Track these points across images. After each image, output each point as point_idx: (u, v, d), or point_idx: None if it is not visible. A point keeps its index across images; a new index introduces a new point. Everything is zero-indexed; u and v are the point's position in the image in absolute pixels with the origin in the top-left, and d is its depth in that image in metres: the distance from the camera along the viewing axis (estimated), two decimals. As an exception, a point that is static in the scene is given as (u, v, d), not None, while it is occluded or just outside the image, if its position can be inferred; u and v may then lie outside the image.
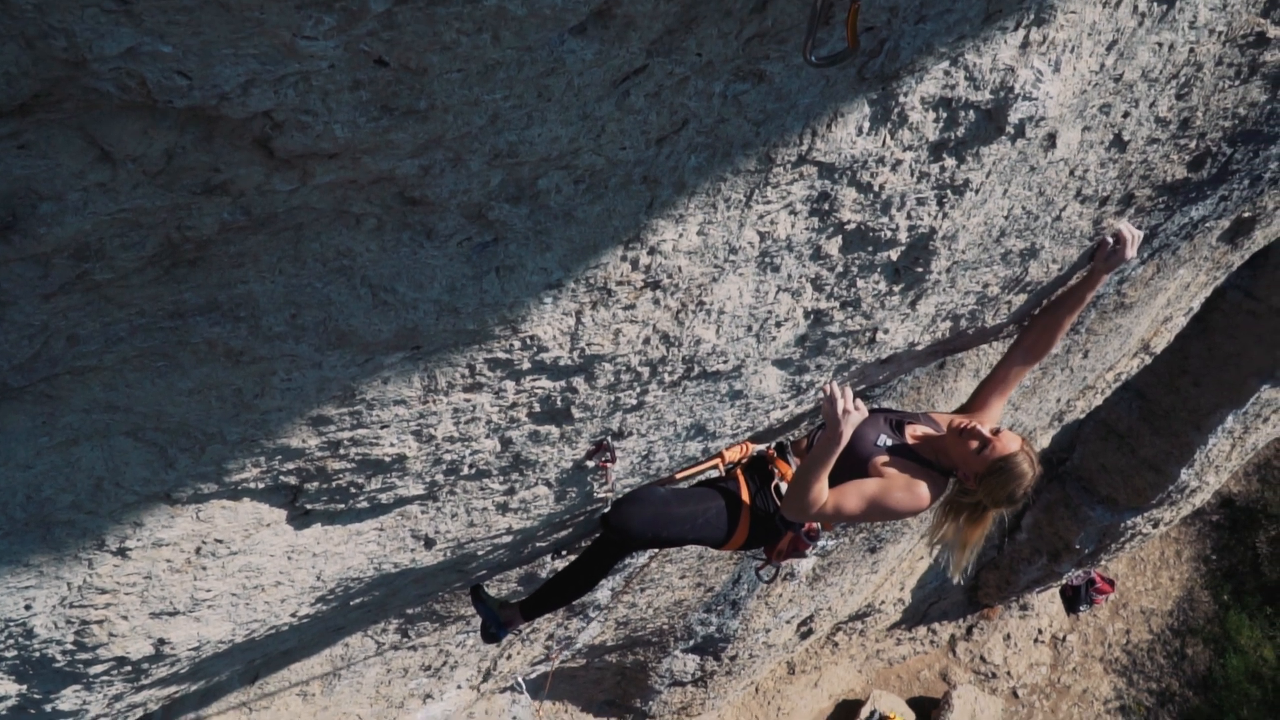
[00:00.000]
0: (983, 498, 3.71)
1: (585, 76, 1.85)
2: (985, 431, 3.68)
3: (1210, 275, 7.05)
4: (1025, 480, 3.62)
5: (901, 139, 2.57)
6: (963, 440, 3.72)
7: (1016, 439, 3.68)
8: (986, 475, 3.63)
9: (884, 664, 15.04)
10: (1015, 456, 3.61)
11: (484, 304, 2.40)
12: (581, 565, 4.87)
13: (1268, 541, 16.61)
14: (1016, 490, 3.64)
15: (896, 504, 3.72)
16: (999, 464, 3.61)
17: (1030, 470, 3.62)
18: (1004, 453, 3.61)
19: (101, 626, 2.99)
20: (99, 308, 1.96)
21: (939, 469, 3.80)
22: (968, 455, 3.69)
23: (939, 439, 3.88)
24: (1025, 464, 3.60)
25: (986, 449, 3.64)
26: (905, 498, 3.71)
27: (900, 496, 3.71)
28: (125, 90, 1.41)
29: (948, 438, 3.80)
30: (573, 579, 4.92)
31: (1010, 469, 3.60)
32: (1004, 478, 3.61)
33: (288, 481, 2.86)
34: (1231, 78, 3.02)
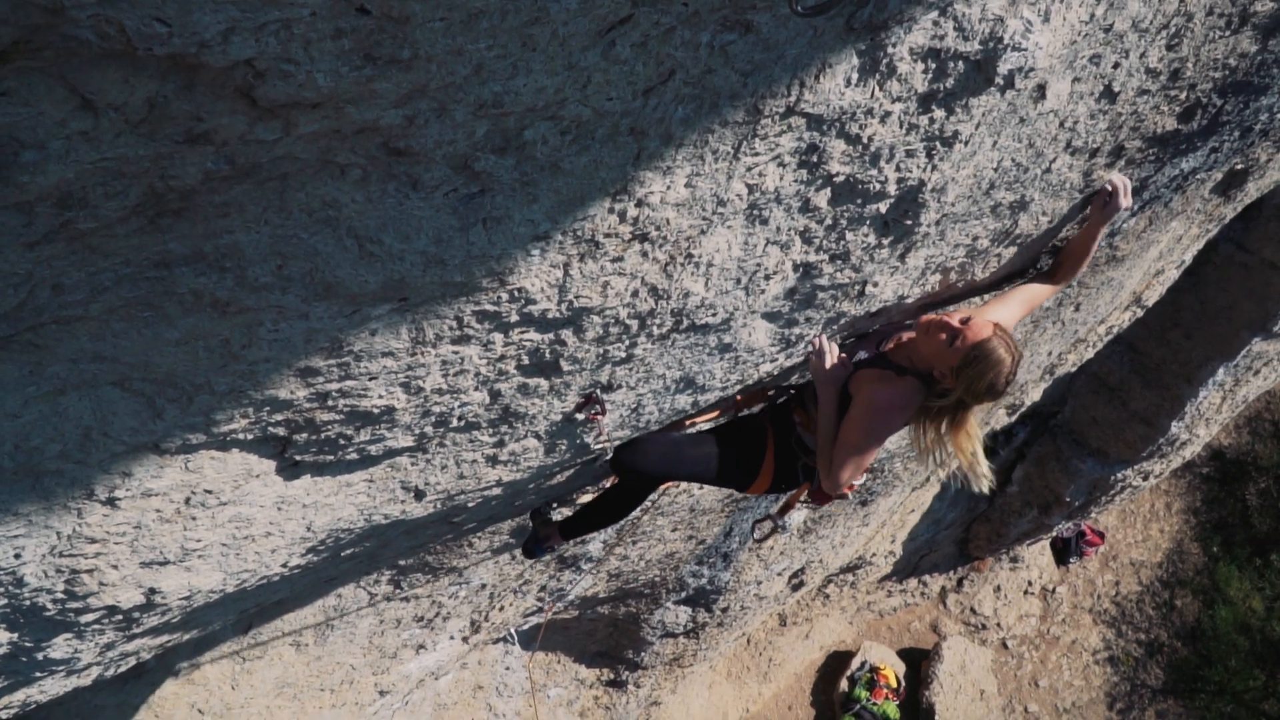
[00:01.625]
0: (962, 394, 3.53)
1: (570, 26, 1.84)
2: (954, 322, 3.52)
3: (1203, 228, 7.04)
4: (1005, 366, 3.44)
5: (890, 90, 2.56)
6: (931, 336, 3.57)
7: (989, 325, 3.48)
8: (962, 367, 3.47)
9: (875, 616, 15.19)
10: (989, 342, 3.43)
11: (471, 256, 2.40)
12: (616, 493, 4.91)
13: (1257, 494, 16.74)
14: (997, 379, 3.46)
15: (884, 409, 3.63)
16: (973, 352, 3.44)
17: (1009, 355, 3.44)
18: (976, 339, 3.44)
19: (92, 575, 3.01)
20: (84, 257, 1.96)
21: (915, 373, 3.67)
22: (940, 350, 3.53)
23: (910, 342, 3.76)
24: (1001, 349, 3.43)
25: (958, 339, 3.47)
26: (887, 397, 3.62)
27: (883, 401, 3.62)
28: (104, 38, 1.40)
29: (918, 337, 3.67)
30: (608, 506, 4.96)
31: (986, 355, 3.42)
32: (981, 366, 3.43)
33: (276, 433, 2.88)
34: (1222, 28, 3.00)
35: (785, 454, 4.22)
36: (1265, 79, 3.40)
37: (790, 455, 4.21)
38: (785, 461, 4.23)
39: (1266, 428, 16.83)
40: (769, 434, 4.25)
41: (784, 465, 4.24)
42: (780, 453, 4.22)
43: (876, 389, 3.66)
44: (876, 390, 3.66)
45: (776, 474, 4.27)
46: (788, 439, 4.21)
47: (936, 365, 3.57)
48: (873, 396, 3.65)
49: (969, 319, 3.50)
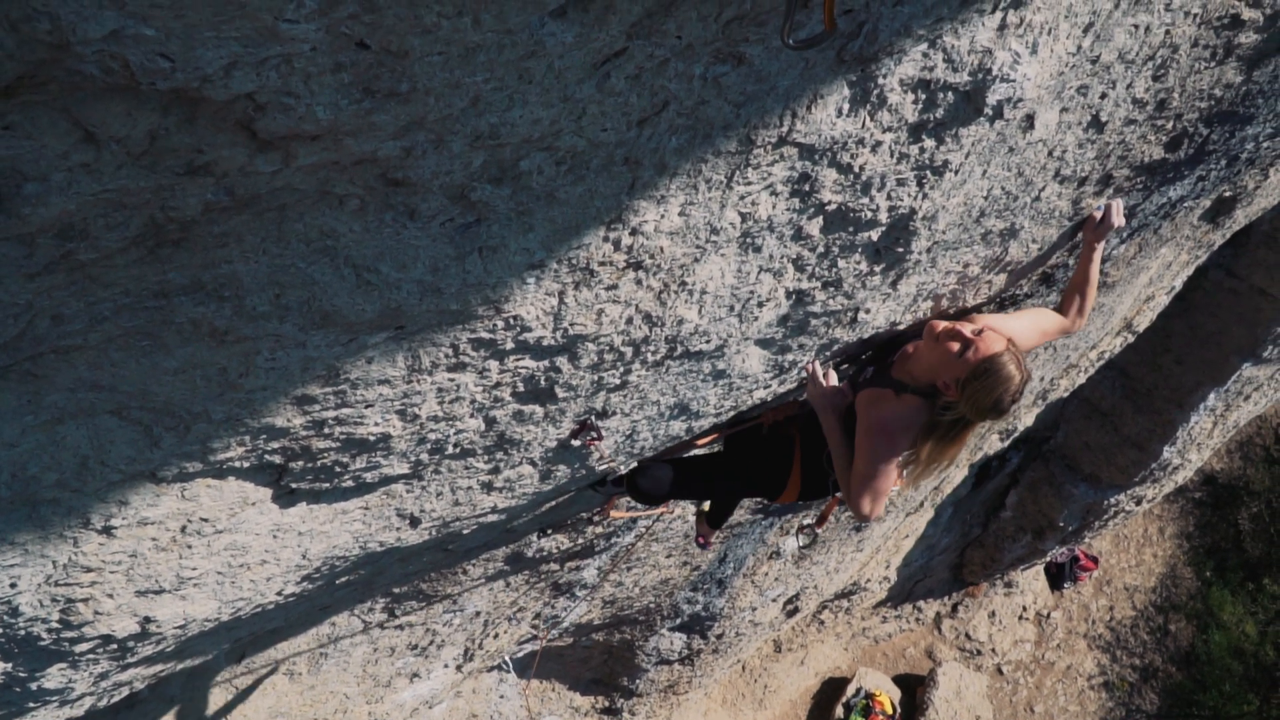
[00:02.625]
0: (965, 409, 3.34)
1: (566, 59, 1.87)
2: (967, 331, 3.34)
3: (1192, 254, 7.10)
4: (1013, 385, 3.25)
5: (881, 120, 2.59)
6: (940, 344, 3.38)
7: (1002, 339, 3.30)
8: (969, 380, 3.27)
9: (870, 642, 15.15)
10: (1001, 357, 3.24)
11: (467, 284, 2.42)
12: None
13: (1249, 518, 16.77)
14: (1004, 396, 3.26)
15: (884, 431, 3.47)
16: (983, 366, 3.25)
17: (1018, 373, 3.25)
18: (988, 353, 3.26)
19: (87, 604, 3.02)
20: (83, 287, 1.98)
21: (917, 390, 3.49)
22: (948, 359, 3.34)
23: (914, 352, 3.59)
24: (1012, 365, 3.24)
25: (969, 350, 3.30)
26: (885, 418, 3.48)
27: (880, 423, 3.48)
28: (109, 73, 1.42)
29: (924, 345, 3.49)
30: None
31: (997, 370, 3.23)
32: (989, 381, 3.24)
33: (273, 460, 2.89)
34: (1207, 59, 3.05)
35: (813, 465, 4.12)
36: (1251, 109, 3.45)
37: (819, 467, 4.10)
38: (813, 473, 4.14)
39: (1258, 452, 16.87)
40: (796, 444, 4.18)
41: (812, 476, 4.15)
42: (807, 464, 4.14)
43: (873, 411, 3.55)
44: (873, 412, 3.54)
45: (804, 484, 4.19)
46: (817, 452, 4.07)
47: (941, 375, 3.38)
48: (870, 420, 3.54)
49: (982, 330, 3.36)
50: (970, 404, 3.31)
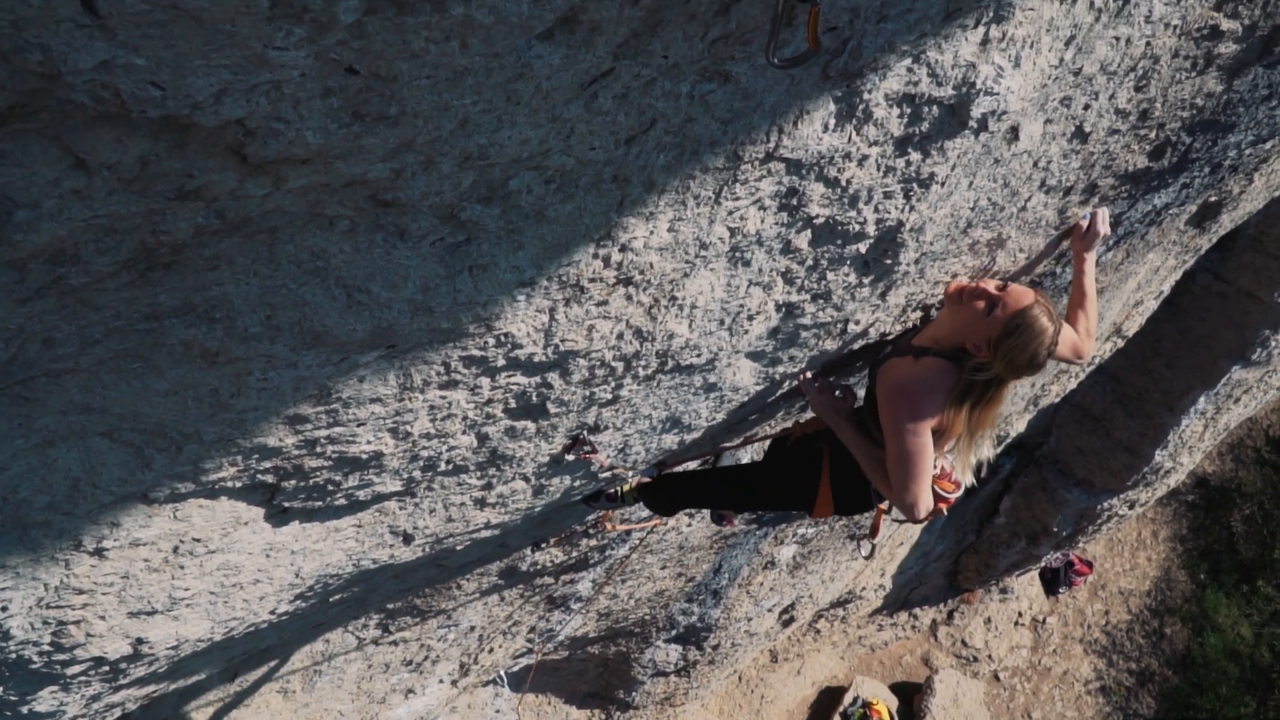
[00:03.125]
0: (1000, 369, 3.23)
1: (553, 80, 1.89)
2: (991, 289, 3.26)
3: (1179, 259, 7.13)
4: (1047, 336, 3.16)
5: (867, 134, 2.61)
6: (965, 305, 3.28)
7: (1029, 291, 3.22)
8: (1002, 338, 3.17)
9: (866, 650, 15.15)
10: (1032, 309, 3.15)
11: (458, 303, 2.43)
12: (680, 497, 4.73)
13: (1242, 520, 16.81)
14: (1040, 350, 3.17)
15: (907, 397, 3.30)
16: (1015, 321, 3.15)
17: (1051, 325, 3.16)
18: (1018, 307, 3.17)
19: (79, 627, 3.01)
20: (75, 311, 1.99)
21: (940, 353, 3.36)
22: (975, 319, 3.24)
23: (938, 320, 3.48)
24: (1044, 317, 3.15)
25: (997, 307, 3.20)
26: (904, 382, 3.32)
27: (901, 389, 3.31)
28: (100, 101, 1.43)
29: (948, 308, 3.39)
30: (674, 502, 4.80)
31: (1029, 324, 3.14)
32: (1024, 336, 3.14)
33: (265, 480, 2.89)
34: (1188, 69, 3.08)
35: (846, 478, 3.97)
36: (1232, 117, 3.48)
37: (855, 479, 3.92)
38: (847, 485, 3.99)
39: (1249, 454, 16.93)
40: (825, 456, 4.04)
41: (846, 489, 4.00)
42: (838, 476, 3.99)
43: (892, 378, 3.37)
44: (892, 379, 3.37)
45: (838, 497, 4.03)
46: (850, 463, 3.88)
47: (970, 338, 3.27)
48: (890, 387, 3.35)
49: (1006, 285, 3.28)
50: (1006, 362, 3.20)
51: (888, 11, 2.23)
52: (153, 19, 1.34)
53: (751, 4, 2.00)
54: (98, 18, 1.31)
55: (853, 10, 2.17)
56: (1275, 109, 3.65)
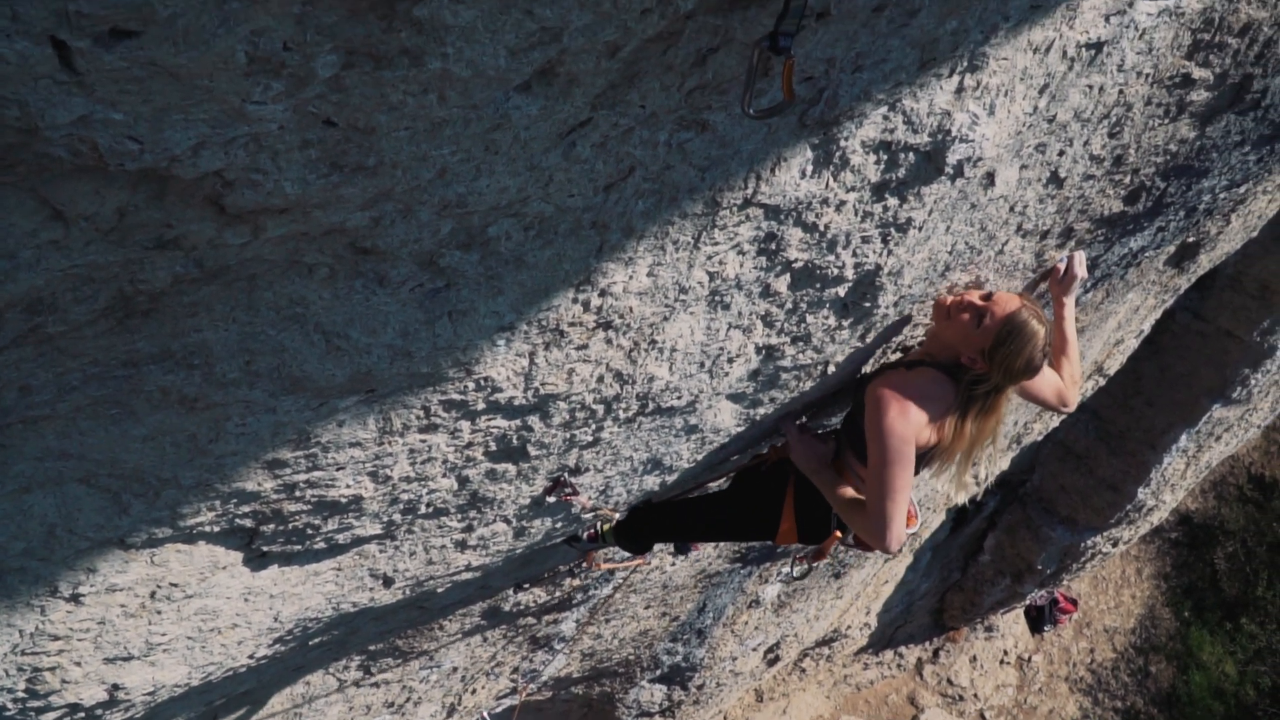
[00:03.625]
0: (997, 377, 3.23)
1: (531, 130, 1.91)
2: (976, 299, 3.27)
3: (1159, 298, 7.19)
4: (1039, 338, 3.17)
5: (844, 181, 2.64)
6: (954, 318, 3.29)
7: (1015, 297, 3.25)
8: (996, 346, 3.17)
9: (852, 689, 15.07)
10: (1020, 313, 3.17)
11: (437, 347, 2.44)
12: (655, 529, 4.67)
13: (1225, 558, 16.85)
14: (1034, 354, 3.18)
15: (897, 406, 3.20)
16: (1005, 329, 3.16)
17: (1041, 326, 3.18)
18: (1007, 312, 3.18)
19: (54, 673, 2.98)
20: (52, 359, 1.98)
21: (935, 365, 3.34)
22: (966, 332, 3.24)
23: (928, 337, 3.48)
24: (1034, 320, 3.17)
25: (986, 317, 3.21)
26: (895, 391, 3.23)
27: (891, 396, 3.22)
28: (77, 155, 1.44)
29: (937, 323, 3.40)
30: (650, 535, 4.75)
31: (1020, 329, 3.15)
32: (1016, 343, 3.15)
33: (244, 524, 2.88)
34: (1161, 117, 3.12)
35: (811, 502, 3.92)
36: (1205, 163, 3.53)
37: (817, 504, 3.89)
38: (812, 509, 3.94)
39: (1232, 492, 17.00)
40: (791, 481, 4.00)
41: (810, 513, 3.96)
42: (804, 500, 3.95)
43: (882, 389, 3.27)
44: (882, 390, 3.27)
45: (801, 522, 3.98)
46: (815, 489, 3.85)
47: (964, 351, 3.26)
48: (881, 396, 3.25)
49: (991, 294, 3.29)
50: (1002, 370, 3.20)
51: (863, 62, 2.26)
52: (130, 75, 1.35)
53: (728, 55, 2.03)
54: (76, 74, 1.32)
55: (828, 60, 2.20)
56: (1248, 154, 3.70)
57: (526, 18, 1.61)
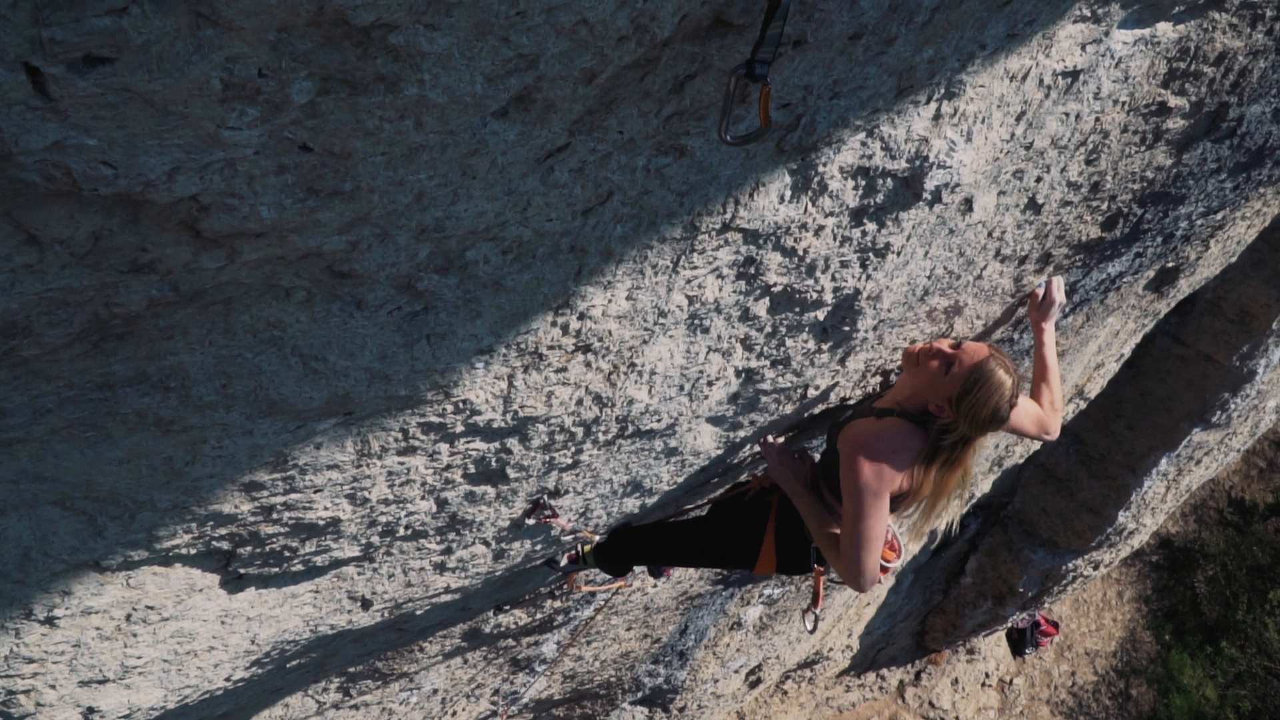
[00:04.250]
0: (964, 427, 3.22)
1: (509, 155, 1.91)
2: (945, 348, 3.28)
3: (1139, 322, 7.24)
4: (1006, 389, 3.16)
5: (823, 206, 2.65)
6: (922, 366, 3.29)
7: (983, 346, 3.25)
8: (963, 395, 3.17)
9: (834, 711, 15.02)
10: (988, 363, 3.17)
11: (415, 370, 2.44)
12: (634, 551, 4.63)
13: (1205, 581, 16.90)
14: (1000, 404, 3.17)
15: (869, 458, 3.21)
16: (974, 376, 3.15)
17: (1008, 377, 3.17)
18: (974, 361, 3.18)
19: (28, 696, 2.96)
20: (26, 382, 1.98)
21: (904, 414, 3.34)
22: (934, 380, 3.24)
23: (897, 384, 3.48)
24: (1001, 370, 3.16)
25: (954, 365, 3.21)
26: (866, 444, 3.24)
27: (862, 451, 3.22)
28: (51, 180, 1.44)
29: (906, 371, 3.42)
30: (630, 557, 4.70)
31: (987, 378, 3.14)
32: (982, 392, 3.14)
33: (220, 546, 2.86)
34: (1137, 144, 3.15)
35: (791, 534, 3.90)
36: (1182, 190, 3.56)
37: (797, 536, 3.88)
38: (792, 541, 3.91)
39: (1212, 515, 17.06)
40: (772, 511, 3.97)
41: (790, 545, 3.93)
42: (784, 532, 3.92)
43: (852, 439, 3.30)
44: (853, 440, 3.30)
45: (781, 554, 3.96)
46: (798, 520, 3.85)
47: (931, 399, 3.27)
48: (851, 447, 3.27)
49: (960, 343, 3.31)
50: (969, 419, 3.20)
51: (840, 89, 2.28)
52: (104, 101, 1.35)
53: (705, 82, 2.04)
54: (49, 100, 1.32)
55: (805, 87, 2.22)
56: (1224, 181, 3.74)
57: (503, 45, 1.61)
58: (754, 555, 4.00)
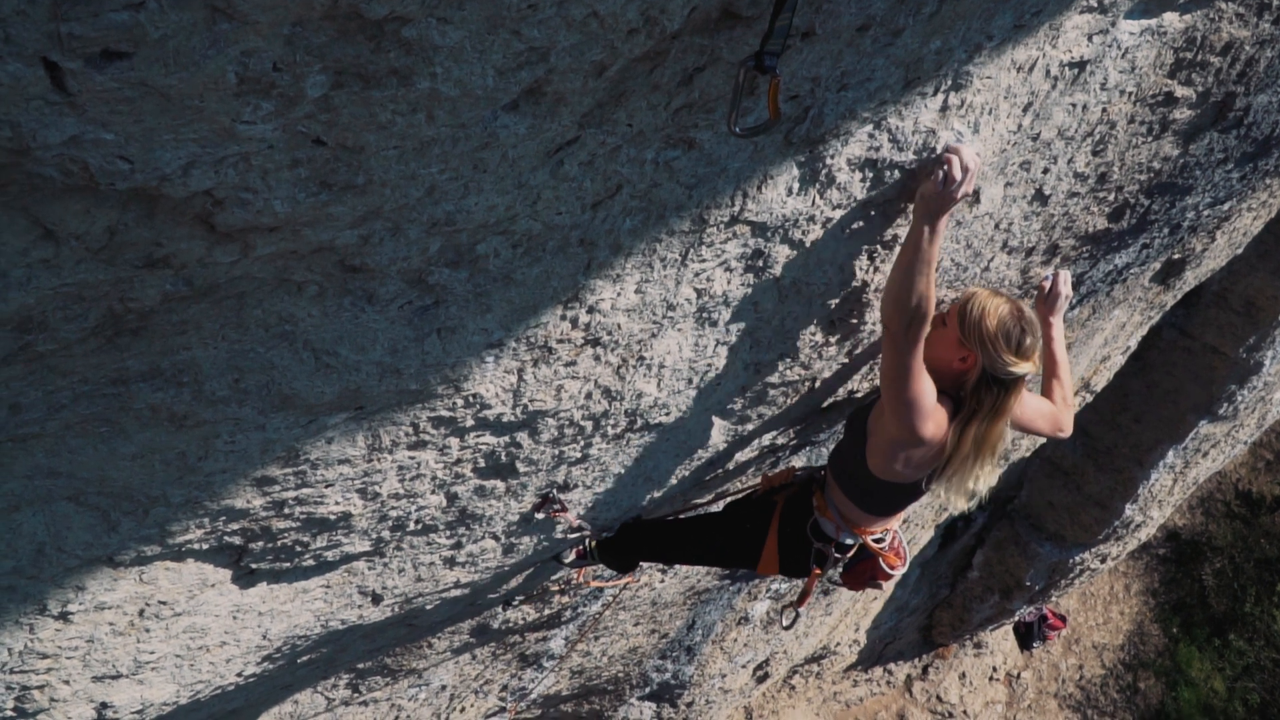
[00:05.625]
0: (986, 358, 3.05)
1: (519, 149, 1.92)
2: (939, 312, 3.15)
3: (1145, 315, 7.24)
4: (1001, 299, 3.08)
5: (830, 198, 2.66)
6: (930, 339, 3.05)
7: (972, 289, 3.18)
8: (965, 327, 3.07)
9: (841, 706, 15.04)
10: (974, 294, 3.10)
11: (426, 364, 2.45)
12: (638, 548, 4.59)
13: (1213, 574, 16.88)
14: (1009, 325, 3.03)
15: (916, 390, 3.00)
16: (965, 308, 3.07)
17: (1001, 298, 3.09)
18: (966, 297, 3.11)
19: (42, 691, 2.97)
20: (42, 377, 1.99)
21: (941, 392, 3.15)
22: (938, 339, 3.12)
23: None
24: (985, 292, 3.11)
25: (946, 315, 3.16)
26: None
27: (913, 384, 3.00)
28: (68, 175, 1.45)
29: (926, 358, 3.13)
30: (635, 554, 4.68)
31: (976, 301, 3.07)
32: (977, 312, 3.06)
33: (232, 541, 2.88)
34: (1144, 135, 3.15)
35: (793, 536, 3.85)
36: (1189, 180, 3.56)
37: (800, 539, 3.82)
38: (795, 542, 3.86)
39: (1219, 508, 17.04)
40: (777, 511, 3.93)
41: (793, 546, 3.87)
42: (786, 534, 3.87)
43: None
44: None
45: (784, 555, 3.91)
46: (801, 522, 3.82)
47: (946, 356, 3.14)
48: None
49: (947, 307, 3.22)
50: (988, 357, 3.05)
51: (848, 80, 2.29)
52: (121, 96, 1.36)
53: (714, 74, 2.05)
54: (67, 95, 1.33)
55: (814, 79, 2.22)
56: (1231, 172, 3.74)
57: (514, 38, 1.62)
58: (757, 555, 3.99)
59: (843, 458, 3.59)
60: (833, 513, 3.71)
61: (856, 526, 3.71)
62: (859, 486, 3.55)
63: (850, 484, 3.58)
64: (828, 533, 3.80)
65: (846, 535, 3.75)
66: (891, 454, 3.26)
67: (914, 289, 2.76)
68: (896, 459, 3.26)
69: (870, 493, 3.54)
